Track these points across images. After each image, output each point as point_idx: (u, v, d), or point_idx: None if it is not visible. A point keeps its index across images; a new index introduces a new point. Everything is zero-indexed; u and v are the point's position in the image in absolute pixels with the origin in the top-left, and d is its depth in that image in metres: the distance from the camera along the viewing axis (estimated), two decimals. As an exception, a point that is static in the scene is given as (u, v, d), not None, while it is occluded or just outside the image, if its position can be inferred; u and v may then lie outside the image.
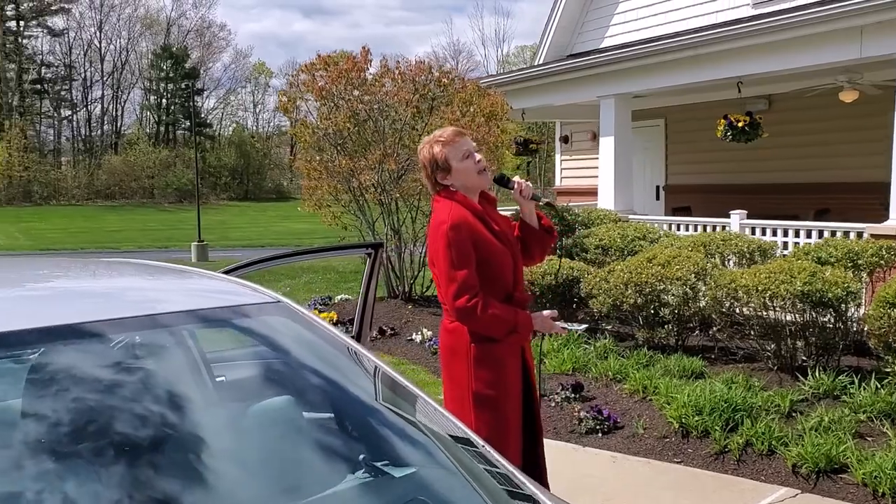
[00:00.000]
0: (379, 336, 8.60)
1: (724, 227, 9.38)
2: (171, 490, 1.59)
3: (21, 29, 56.78)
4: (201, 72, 61.21)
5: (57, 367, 1.72)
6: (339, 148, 9.59)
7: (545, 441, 5.55)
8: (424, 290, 9.88)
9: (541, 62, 14.55)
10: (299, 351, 1.95)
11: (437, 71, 9.78)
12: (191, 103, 51.83)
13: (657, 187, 14.86)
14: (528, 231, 3.45)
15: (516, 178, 3.41)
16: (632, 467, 4.98)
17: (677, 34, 10.57)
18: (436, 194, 3.33)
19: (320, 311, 9.40)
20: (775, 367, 6.26)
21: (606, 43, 13.89)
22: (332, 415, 1.85)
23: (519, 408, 3.33)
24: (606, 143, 11.39)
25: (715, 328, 6.89)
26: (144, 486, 1.59)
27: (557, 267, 4.03)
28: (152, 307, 1.86)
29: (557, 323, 3.46)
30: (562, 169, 17.30)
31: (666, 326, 7.02)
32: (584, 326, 4.31)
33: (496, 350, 3.23)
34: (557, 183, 17.54)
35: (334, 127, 9.29)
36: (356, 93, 9.16)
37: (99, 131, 59.73)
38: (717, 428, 5.09)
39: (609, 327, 7.95)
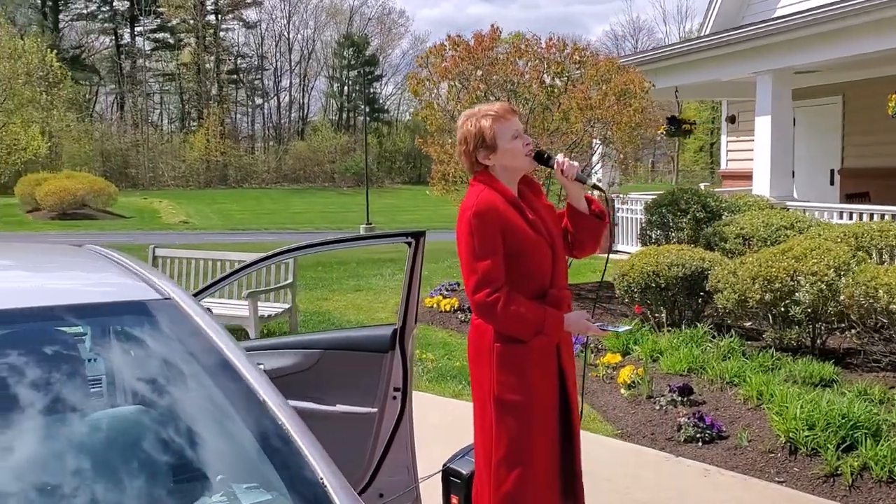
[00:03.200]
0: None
1: (894, 217, 8.33)
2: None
3: (219, 22, 61.02)
4: (380, 58, 63.04)
5: None
6: (466, 130, 9.36)
7: (636, 447, 5.12)
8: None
9: (706, 34, 13.60)
10: (170, 356, 1.75)
11: (571, 47, 9.30)
12: (364, 90, 53.54)
13: (832, 171, 13.52)
14: (576, 217, 3.05)
15: (558, 157, 3.01)
16: (724, 484, 4.44)
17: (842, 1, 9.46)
18: (473, 178, 3.01)
19: (444, 297, 9.25)
20: (921, 379, 5.43)
21: (779, 13, 12.72)
22: (186, 430, 1.64)
23: (552, 417, 2.94)
24: (762, 124, 10.45)
25: (854, 330, 6.08)
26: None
27: (605, 264, 3.61)
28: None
29: (594, 324, 3.05)
30: (727, 151, 16.19)
31: (797, 326, 6.28)
32: (627, 328, 3.85)
33: (523, 352, 2.88)
34: (722, 165, 16.45)
35: (460, 108, 9.08)
36: (479, 73, 8.88)
37: (287, 118, 63.13)
38: (829, 446, 4.43)
39: (749, 323, 7.27)
